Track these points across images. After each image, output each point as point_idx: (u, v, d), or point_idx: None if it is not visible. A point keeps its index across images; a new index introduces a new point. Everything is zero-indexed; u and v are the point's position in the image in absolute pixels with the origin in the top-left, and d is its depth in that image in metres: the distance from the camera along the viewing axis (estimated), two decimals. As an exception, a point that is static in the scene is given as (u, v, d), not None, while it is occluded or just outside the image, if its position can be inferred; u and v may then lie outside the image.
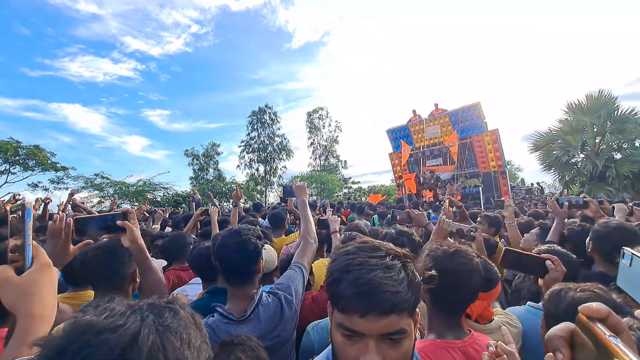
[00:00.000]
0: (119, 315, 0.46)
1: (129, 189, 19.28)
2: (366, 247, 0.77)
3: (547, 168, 13.07)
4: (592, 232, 2.04)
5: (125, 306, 0.49)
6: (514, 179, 23.54)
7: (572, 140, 11.58)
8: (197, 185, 24.82)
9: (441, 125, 12.27)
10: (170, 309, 0.51)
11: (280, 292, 1.45)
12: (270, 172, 30.26)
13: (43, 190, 18.93)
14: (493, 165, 11.44)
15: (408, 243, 2.00)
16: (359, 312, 0.69)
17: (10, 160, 17.23)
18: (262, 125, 30.43)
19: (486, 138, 11.35)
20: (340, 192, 27.72)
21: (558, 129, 12.39)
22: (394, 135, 13.72)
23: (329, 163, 32.42)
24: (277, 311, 1.39)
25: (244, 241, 1.39)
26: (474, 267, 1.16)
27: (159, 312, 0.49)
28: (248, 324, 1.31)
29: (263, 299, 1.40)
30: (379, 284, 0.69)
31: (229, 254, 1.38)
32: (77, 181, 19.24)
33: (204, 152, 28.36)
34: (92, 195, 19.18)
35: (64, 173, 19.20)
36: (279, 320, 1.38)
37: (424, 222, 2.62)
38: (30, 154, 17.61)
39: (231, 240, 1.40)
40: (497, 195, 11.39)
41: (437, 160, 12.33)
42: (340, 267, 0.75)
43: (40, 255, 0.74)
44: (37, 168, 18.38)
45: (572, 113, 11.99)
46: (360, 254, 0.75)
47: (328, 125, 33.28)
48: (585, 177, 11.97)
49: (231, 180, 26.33)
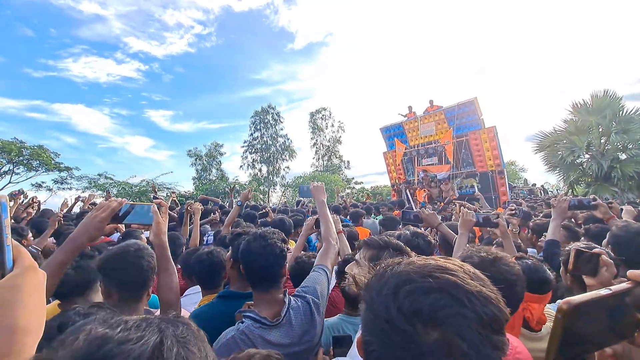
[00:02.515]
0: (135, 327, 0.46)
1: (132, 189, 19.46)
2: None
3: (551, 168, 13.03)
4: (611, 236, 1.94)
5: (136, 320, 0.48)
6: (517, 179, 22.79)
7: (577, 140, 11.51)
8: (200, 185, 24.95)
9: (436, 122, 11.85)
10: (183, 323, 0.51)
11: (308, 295, 1.43)
12: (273, 172, 30.28)
13: (47, 190, 19.30)
14: (490, 164, 10.98)
15: (423, 245, 1.95)
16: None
17: (14, 160, 17.56)
18: (265, 125, 30.48)
19: (483, 136, 10.90)
20: (343, 193, 27.46)
21: (563, 129, 12.32)
22: (388, 133, 13.33)
23: (332, 163, 32.17)
24: (308, 315, 1.37)
25: (270, 245, 1.39)
26: (518, 274, 1.09)
27: (175, 325, 0.49)
28: (281, 329, 1.30)
29: (292, 303, 1.38)
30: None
31: (255, 258, 1.38)
32: (81, 181, 19.58)
33: (207, 153, 28.55)
34: (96, 195, 19.42)
35: (68, 173, 19.51)
36: (310, 324, 1.36)
37: (435, 223, 2.53)
38: (34, 154, 17.94)
39: (257, 245, 1.40)
40: (495, 195, 10.97)
41: (432, 159, 11.93)
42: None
43: (24, 257, 0.62)
44: (40, 168, 18.71)
45: (577, 113, 11.92)
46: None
47: (331, 125, 33.12)
48: (590, 177, 11.89)
49: (234, 181, 26.45)
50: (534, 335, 1.30)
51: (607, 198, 8.59)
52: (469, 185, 11.60)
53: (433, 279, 0.52)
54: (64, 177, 19.45)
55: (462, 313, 0.48)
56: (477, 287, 0.52)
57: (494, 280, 0.93)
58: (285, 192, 28.25)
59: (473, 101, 10.95)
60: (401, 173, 13.25)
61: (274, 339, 1.26)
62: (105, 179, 19.67)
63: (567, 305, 0.50)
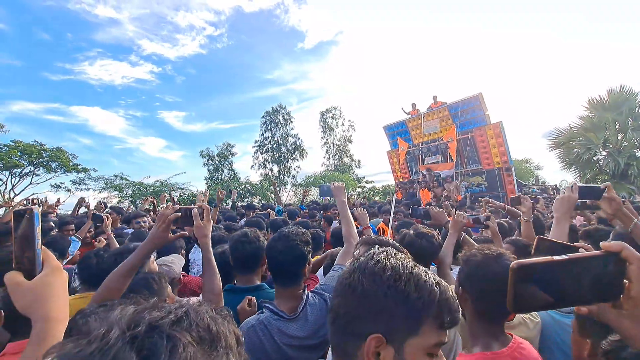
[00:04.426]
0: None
1: (146, 189, 19.98)
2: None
3: (567, 166, 12.71)
4: (616, 236, 1.84)
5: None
6: (531, 177, 21.83)
7: (594, 137, 11.20)
8: (212, 185, 25.35)
9: (440, 119, 11.49)
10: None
11: (325, 293, 1.49)
12: (284, 172, 30.34)
13: (65, 191, 20.13)
14: (497, 161, 10.54)
15: (427, 245, 1.97)
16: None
17: (35, 162, 18.39)
18: (276, 125, 30.59)
19: (489, 132, 10.48)
20: (354, 192, 27.24)
21: (579, 125, 11.99)
22: (391, 131, 13.04)
23: (343, 162, 31.93)
24: (323, 311, 1.43)
25: (291, 246, 1.46)
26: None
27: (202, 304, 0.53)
28: (297, 322, 1.38)
29: (310, 299, 1.45)
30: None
31: (277, 256, 1.46)
32: (98, 182, 20.28)
33: (219, 153, 28.91)
34: (112, 195, 20.08)
35: (85, 174, 20.24)
36: (325, 320, 1.34)
37: (444, 221, 2.54)
38: (53, 156, 18.71)
39: (280, 244, 1.48)
40: (503, 193, 10.54)
41: (435, 157, 11.59)
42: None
43: (51, 259, 0.75)
44: (59, 170, 19.51)
45: (593, 109, 11.56)
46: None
47: (341, 124, 32.88)
48: (607, 175, 11.39)
49: (245, 181, 26.72)
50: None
51: (623, 196, 8.16)
52: (475, 184, 11.21)
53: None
54: (81, 178, 20.20)
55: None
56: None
57: (500, 274, 1.04)
58: (296, 192, 28.29)
59: (477, 96, 10.54)
60: (405, 172, 12.96)
61: (290, 332, 1.36)
62: (120, 180, 20.25)
63: (516, 264, 0.57)
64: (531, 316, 1.54)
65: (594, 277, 0.56)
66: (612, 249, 0.56)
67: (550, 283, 0.56)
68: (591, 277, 0.56)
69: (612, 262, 0.56)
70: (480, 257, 1.16)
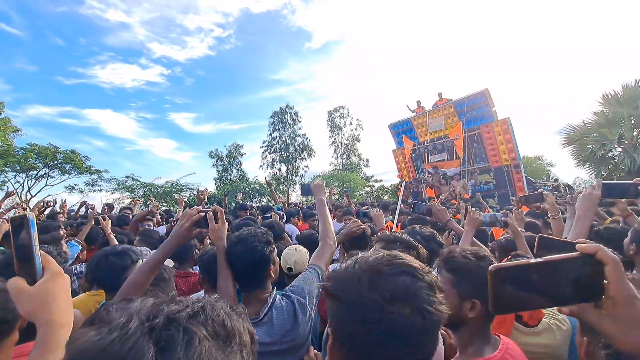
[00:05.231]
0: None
1: (157, 190, 20.33)
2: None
3: (581, 163, 12.39)
4: (635, 233, 1.78)
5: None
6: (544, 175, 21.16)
7: (608, 133, 10.83)
8: (221, 185, 25.60)
9: (445, 116, 11.24)
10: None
11: (294, 295, 1.44)
12: (292, 171, 30.40)
13: (79, 192, 20.68)
14: (505, 158, 10.26)
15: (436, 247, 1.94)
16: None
17: (50, 164, 18.94)
18: (284, 125, 30.68)
19: (496, 128, 10.20)
20: (362, 191, 27.06)
21: (593, 121, 11.66)
22: (396, 130, 12.83)
23: (351, 162, 31.80)
24: (291, 315, 1.38)
25: (250, 249, 1.42)
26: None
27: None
28: (262, 327, 1.34)
29: (276, 303, 1.40)
30: None
31: (237, 261, 1.43)
32: (110, 183, 20.76)
33: (228, 153, 29.19)
34: (124, 196, 20.51)
35: (98, 176, 20.75)
36: (293, 324, 1.37)
37: (445, 219, 2.52)
38: (67, 158, 19.23)
39: (239, 248, 1.44)
40: (512, 191, 10.26)
41: (441, 155, 11.35)
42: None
43: (51, 264, 0.76)
44: (73, 171, 20.05)
45: (607, 104, 11.24)
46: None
47: (349, 123, 32.75)
48: (622, 172, 10.96)
49: (254, 180, 26.90)
50: (528, 330, 1.33)
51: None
52: (483, 182, 10.94)
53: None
54: (94, 179, 20.73)
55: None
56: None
57: (481, 276, 1.01)
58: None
59: (484, 92, 10.28)
60: (412, 171, 12.76)
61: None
62: (132, 181, 20.63)
63: (493, 268, 0.58)
64: (559, 322, 1.44)
65: (573, 279, 0.57)
66: (587, 250, 0.57)
67: (528, 285, 0.58)
68: (570, 279, 0.57)
69: (589, 264, 0.57)
70: (461, 260, 1.15)
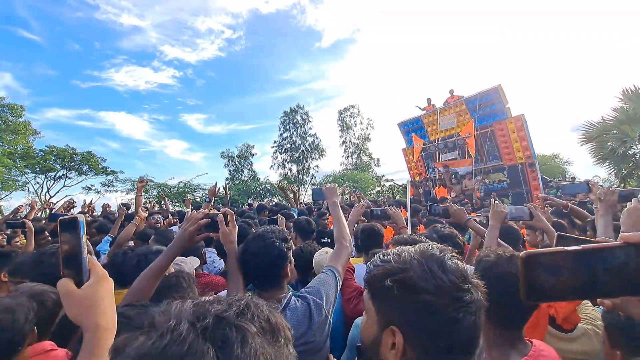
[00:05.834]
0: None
1: (170, 190, 20.71)
2: None
3: (600, 161, 11.78)
4: None
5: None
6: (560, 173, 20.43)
7: (629, 129, 10.29)
8: (233, 186, 25.86)
9: (457, 114, 10.97)
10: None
11: (309, 296, 1.40)
12: (302, 171, 30.43)
13: (95, 192, 21.27)
14: (520, 156, 9.94)
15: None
16: None
17: (67, 166, 19.57)
18: (294, 125, 30.72)
19: (510, 126, 9.89)
20: (373, 191, 26.83)
21: (613, 117, 11.09)
22: (406, 128, 12.60)
23: (362, 161, 31.57)
24: (306, 316, 1.35)
25: (267, 245, 1.38)
26: None
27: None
28: None
29: (291, 304, 1.37)
30: None
31: (252, 258, 1.39)
32: (125, 184, 21.30)
33: (239, 154, 29.47)
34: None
35: (113, 176, 21.38)
36: (308, 325, 1.34)
37: (464, 219, 2.44)
38: (83, 159, 19.85)
39: (254, 245, 1.40)
40: (527, 190, 9.94)
41: (452, 153, 11.09)
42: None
43: (97, 268, 0.76)
44: (89, 172, 20.69)
45: (628, 100, 10.68)
46: None
47: (360, 123, 32.50)
48: None
49: (265, 180, 27.04)
50: (563, 336, 1.29)
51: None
52: (497, 180, 10.65)
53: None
54: (110, 180, 21.34)
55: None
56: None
57: (512, 276, 0.99)
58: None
59: (497, 88, 9.98)
60: (422, 170, 12.53)
61: None
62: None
63: (524, 254, 0.56)
64: (597, 328, 1.35)
65: (616, 270, 0.53)
66: (632, 240, 0.53)
67: (562, 273, 0.55)
68: (612, 269, 0.53)
69: (635, 255, 0.52)
70: (493, 258, 1.12)
